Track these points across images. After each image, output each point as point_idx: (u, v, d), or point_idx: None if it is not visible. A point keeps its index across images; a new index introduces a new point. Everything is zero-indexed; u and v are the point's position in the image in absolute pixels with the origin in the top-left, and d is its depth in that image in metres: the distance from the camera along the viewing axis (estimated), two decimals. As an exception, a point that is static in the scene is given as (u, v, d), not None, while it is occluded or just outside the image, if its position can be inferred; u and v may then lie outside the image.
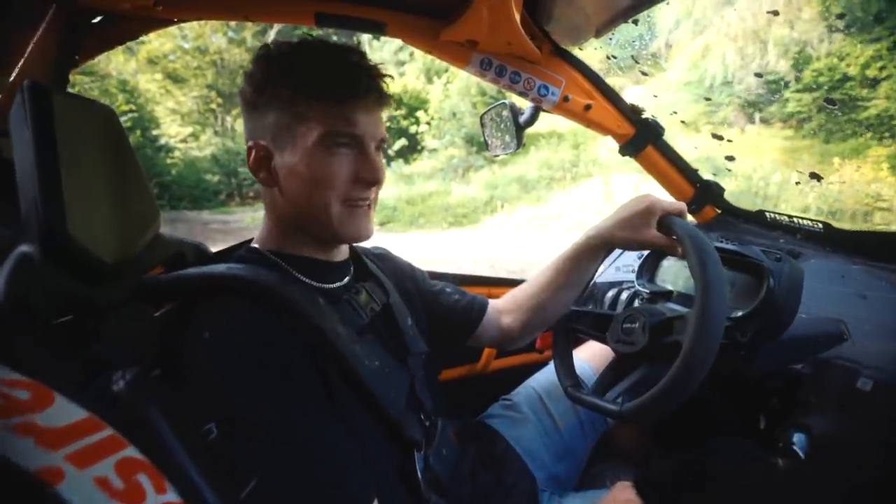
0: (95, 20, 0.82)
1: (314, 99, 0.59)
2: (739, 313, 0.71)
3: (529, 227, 9.23)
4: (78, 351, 0.48)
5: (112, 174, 0.58)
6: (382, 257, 0.86)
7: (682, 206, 0.74)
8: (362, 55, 0.63)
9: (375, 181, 0.64)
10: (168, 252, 0.72)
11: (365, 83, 0.61)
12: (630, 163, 1.16)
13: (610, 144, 1.16)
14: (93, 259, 0.50)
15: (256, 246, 0.67)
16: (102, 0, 0.77)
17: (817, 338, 0.76)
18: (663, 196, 0.82)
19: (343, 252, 0.73)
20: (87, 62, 0.86)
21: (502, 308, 0.92)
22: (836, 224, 1.00)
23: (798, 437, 0.64)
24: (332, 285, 0.68)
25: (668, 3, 0.77)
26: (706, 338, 0.58)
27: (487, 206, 10.14)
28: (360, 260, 0.78)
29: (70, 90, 0.85)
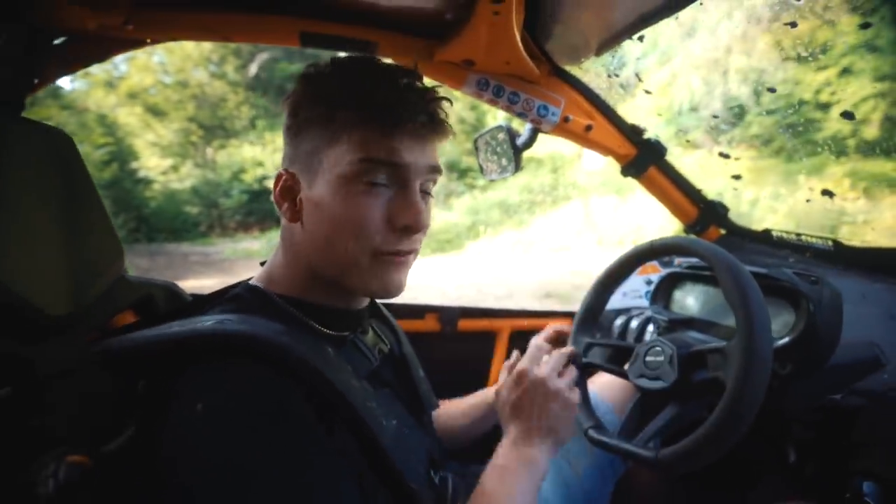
0: (58, 41, 0.75)
1: (351, 120, 0.49)
2: (777, 343, 0.65)
3: (513, 250, 9.26)
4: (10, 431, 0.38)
5: (65, 208, 0.50)
6: None
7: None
8: (415, 75, 0.54)
9: (416, 227, 0.52)
10: (133, 296, 0.63)
11: (414, 104, 0.51)
12: (608, 185, 1.14)
13: (588, 168, 1.13)
14: (33, 311, 0.41)
15: (260, 286, 0.57)
16: (65, 19, 0.70)
17: (853, 365, 0.70)
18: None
19: (366, 299, 0.62)
20: (49, 84, 0.78)
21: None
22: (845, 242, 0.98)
23: (868, 486, 0.58)
24: (343, 333, 0.58)
25: (676, 18, 0.74)
26: (754, 376, 0.52)
27: (470, 231, 10.17)
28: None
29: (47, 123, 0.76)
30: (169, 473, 0.40)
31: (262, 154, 11.67)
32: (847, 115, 1.78)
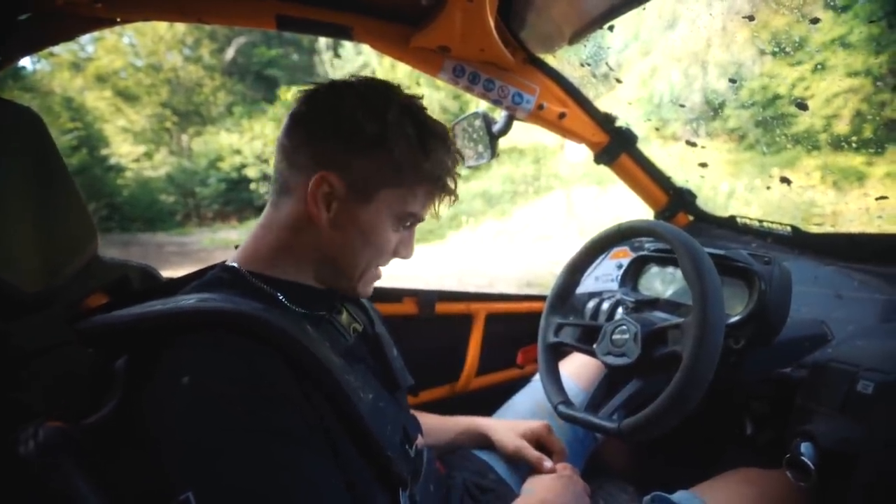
0: (22, 17, 0.73)
1: (417, 179, 0.59)
2: (732, 319, 0.69)
3: (495, 240, 9.32)
4: None
5: (36, 187, 0.50)
6: None
7: (563, 450, 0.80)
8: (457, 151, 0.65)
9: (407, 258, 0.67)
10: (108, 277, 0.63)
11: (453, 180, 0.63)
12: (589, 176, 1.17)
13: (570, 159, 1.16)
14: (7, 287, 0.42)
15: (234, 265, 0.58)
16: (29, -5, 0.69)
17: (802, 340, 0.75)
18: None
19: None
20: (12, 64, 0.76)
21: None
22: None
23: (805, 447, 0.62)
24: (317, 312, 0.61)
25: (643, 9, 0.76)
26: (707, 348, 0.56)
27: (453, 221, 10.17)
28: None
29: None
30: (154, 448, 0.42)
31: (239, 142, 11.39)
32: (800, 105, 1.84)
